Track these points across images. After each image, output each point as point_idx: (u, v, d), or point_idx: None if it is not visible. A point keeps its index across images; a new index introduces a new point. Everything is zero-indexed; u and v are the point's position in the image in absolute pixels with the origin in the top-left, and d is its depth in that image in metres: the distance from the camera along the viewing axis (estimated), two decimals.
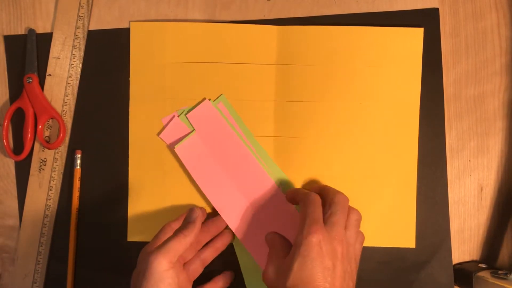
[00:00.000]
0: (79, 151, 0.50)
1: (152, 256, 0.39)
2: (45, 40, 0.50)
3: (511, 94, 0.50)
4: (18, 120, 0.50)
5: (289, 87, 0.49)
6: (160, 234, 0.44)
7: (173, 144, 0.48)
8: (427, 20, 0.49)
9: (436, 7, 0.49)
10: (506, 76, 0.50)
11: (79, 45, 0.50)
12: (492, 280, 0.45)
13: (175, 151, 0.48)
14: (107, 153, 0.50)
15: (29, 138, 0.49)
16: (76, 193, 0.50)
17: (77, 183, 0.50)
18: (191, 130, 0.49)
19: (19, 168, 0.51)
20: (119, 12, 0.51)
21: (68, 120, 0.50)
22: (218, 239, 0.48)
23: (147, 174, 0.49)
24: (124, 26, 0.50)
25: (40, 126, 0.49)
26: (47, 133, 0.50)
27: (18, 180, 0.51)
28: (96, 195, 0.50)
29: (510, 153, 0.50)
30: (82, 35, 0.50)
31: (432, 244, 0.49)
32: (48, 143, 0.50)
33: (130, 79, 0.50)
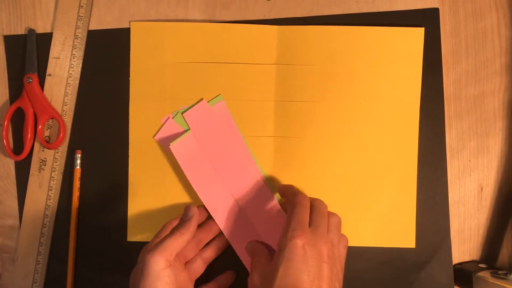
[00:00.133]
0: (79, 151, 0.50)
1: (148, 254, 0.39)
2: (45, 40, 0.50)
3: (511, 94, 0.50)
4: (18, 120, 0.50)
5: (289, 87, 0.49)
6: (160, 232, 0.44)
7: (168, 144, 0.48)
8: (427, 20, 0.49)
9: (436, 7, 0.49)
10: (506, 76, 0.50)
11: (79, 45, 0.50)
12: (492, 280, 0.45)
13: (170, 148, 0.48)
14: (107, 153, 0.50)
15: (29, 138, 0.49)
16: (76, 193, 0.50)
17: (77, 183, 0.50)
18: (186, 129, 0.49)
19: (19, 168, 0.51)
20: (119, 12, 0.51)
21: (68, 120, 0.50)
22: (220, 238, 0.48)
23: (147, 174, 0.49)
24: (124, 26, 0.50)
25: (40, 126, 0.49)
26: (47, 133, 0.50)
27: (18, 180, 0.50)
28: (96, 195, 0.50)
29: (510, 153, 0.50)
30: (82, 35, 0.50)
31: (432, 244, 0.49)
32: (48, 143, 0.50)
33: (130, 79, 0.50)
